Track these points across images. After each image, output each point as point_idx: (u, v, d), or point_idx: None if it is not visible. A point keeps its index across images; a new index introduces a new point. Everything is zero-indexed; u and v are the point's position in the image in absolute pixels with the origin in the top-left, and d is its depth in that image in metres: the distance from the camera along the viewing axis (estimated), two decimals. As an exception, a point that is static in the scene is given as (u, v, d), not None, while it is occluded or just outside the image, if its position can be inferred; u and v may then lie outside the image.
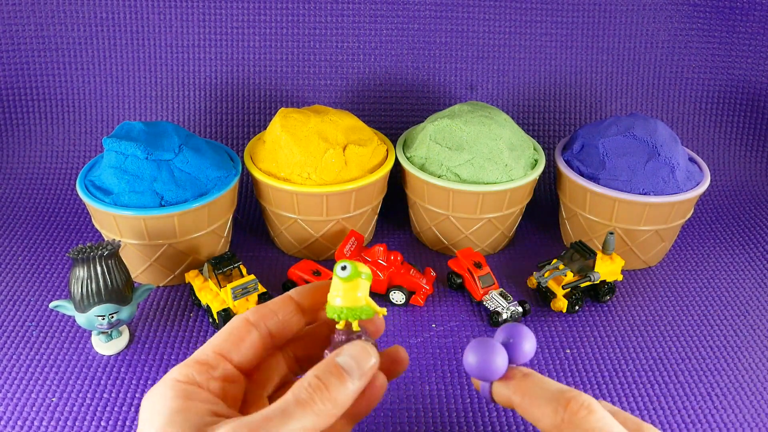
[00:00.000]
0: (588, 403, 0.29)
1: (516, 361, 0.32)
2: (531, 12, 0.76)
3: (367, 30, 0.75)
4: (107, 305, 0.49)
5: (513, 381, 0.31)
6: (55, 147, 0.75)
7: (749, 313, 0.59)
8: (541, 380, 0.31)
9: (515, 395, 0.31)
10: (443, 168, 0.61)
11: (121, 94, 0.75)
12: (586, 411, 0.29)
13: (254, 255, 0.65)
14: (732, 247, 0.69)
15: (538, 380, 0.31)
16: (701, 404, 0.49)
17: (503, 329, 0.32)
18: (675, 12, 0.77)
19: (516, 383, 0.31)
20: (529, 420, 0.31)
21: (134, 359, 0.52)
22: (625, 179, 0.60)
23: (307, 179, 0.59)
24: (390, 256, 0.59)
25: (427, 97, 0.76)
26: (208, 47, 0.74)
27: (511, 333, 0.32)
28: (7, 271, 0.61)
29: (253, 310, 0.34)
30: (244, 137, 0.76)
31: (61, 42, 0.73)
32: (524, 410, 0.31)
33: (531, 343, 0.32)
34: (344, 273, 0.31)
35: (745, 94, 0.80)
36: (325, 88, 0.76)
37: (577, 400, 0.29)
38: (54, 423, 0.46)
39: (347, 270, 0.31)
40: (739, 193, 0.78)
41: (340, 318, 0.32)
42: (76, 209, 0.71)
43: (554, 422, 0.29)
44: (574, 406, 0.29)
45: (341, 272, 0.32)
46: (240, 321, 0.33)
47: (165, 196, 0.55)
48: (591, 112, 0.79)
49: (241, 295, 0.53)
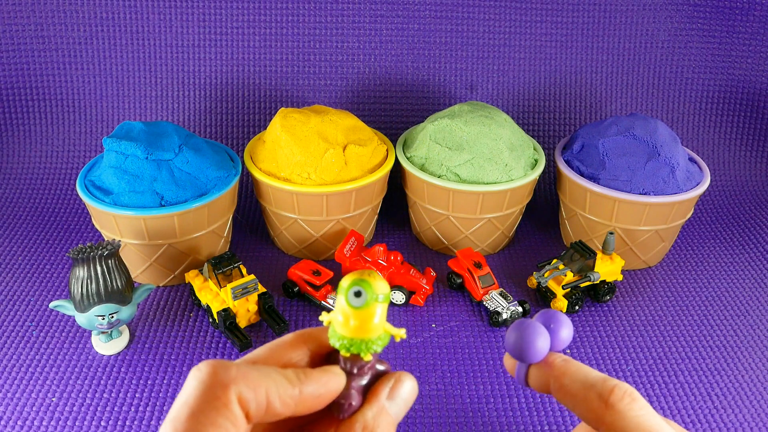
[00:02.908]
0: (631, 391, 0.29)
1: (553, 348, 0.32)
2: (531, 12, 0.76)
3: (367, 30, 0.75)
4: (107, 305, 0.49)
5: (552, 366, 0.31)
6: (55, 147, 0.75)
7: (749, 313, 0.59)
8: (581, 367, 0.31)
9: (554, 380, 0.31)
10: (443, 168, 0.61)
11: (121, 94, 0.75)
12: (630, 399, 0.29)
13: (254, 255, 0.65)
14: (732, 247, 0.69)
15: (579, 366, 0.31)
16: (701, 404, 0.49)
17: (541, 315, 0.32)
18: (675, 12, 0.77)
19: (556, 368, 0.31)
20: (566, 406, 0.31)
21: (134, 359, 0.52)
22: (625, 179, 0.60)
23: (307, 179, 0.59)
24: (390, 256, 0.59)
25: (427, 97, 0.76)
26: (208, 47, 0.74)
27: (549, 319, 0.32)
28: (7, 271, 0.61)
29: None
30: (244, 137, 0.76)
31: (61, 42, 0.73)
32: (563, 396, 0.30)
33: (569, 330, 0.32)
34: (359, 302, 0.26)
35: (745, 94, 0.80)
36: (325, 88, 0.76)
37: (621, 388, 0.29)
38: (54, 423, 0.46)
39: (362, 298, 0.26)
40: (739, 193, 0.78)
41: (349, 351, 0.27)
42: (76, 209, 0.71)
43: (595, 409, 0.29)
44: (618, 394, 0.29)
45: (355, 301, 0.26)
46: None
47: (165, 196, 0.55)
48: (591, 112, 0.79)
49: (241, 295, 0.53)
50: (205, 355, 0.52)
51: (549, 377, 0.31)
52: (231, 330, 0.53)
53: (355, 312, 0.26)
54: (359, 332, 0.26)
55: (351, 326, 0.26)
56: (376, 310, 0.26)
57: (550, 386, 0.31)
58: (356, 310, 0.26)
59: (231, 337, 0.52)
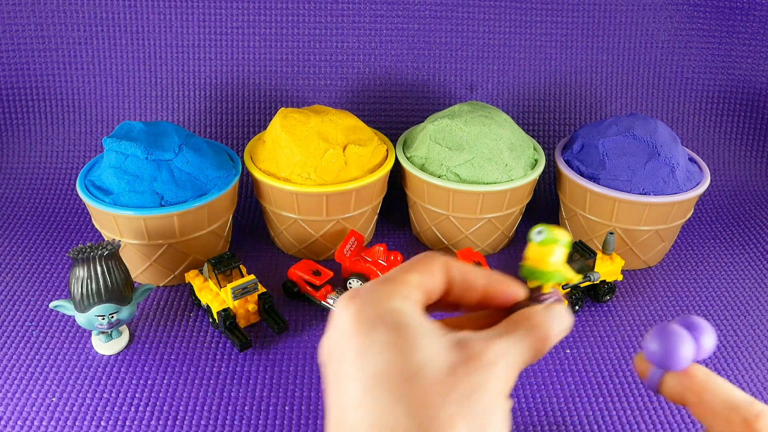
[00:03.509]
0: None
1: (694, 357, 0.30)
2: (531, 12, 0.76)
3: (367, 30, 0.75)
4: (107, 305, 0.49)
5: (693, 378, 0.30)
6: (55, 147, 0.75)
7: (749, 313, 0.59)
8: (724, 384, 0.30)
9: (693, 394, 0.30)
10: (443, 168, 0.61)
11: (121, 94, 0.75)
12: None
13: (254, 255, 0.65)
14: (732, 247, 0.69)
15: (722, 384, 0.30)
16: (701, 404, 0.49)
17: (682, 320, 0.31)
18: (675, 12, 0.77)
19: (697, 382, 0.30)
20: (702, 421, 0.30)
21: (134, 359, 0.52)
22: (625, 179, 0.60)
23: (307, 179, 0.59)
24: (390, 256, 0.59)
25: (427, 97, 0.76)
26: (208, 47, 0.74)
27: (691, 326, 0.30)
28: (7, 271, 0.61)
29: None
30: (244, 137, 0.76)
31: (61, 42, 0.73)
32: (701, 411, 0.30)
33: (712, 340, 0.30)
34: (539, 237, 0.31)
35: (745, 94, 0.80)
36: (325, 88, 0.76)
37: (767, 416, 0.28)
38: (54, 423, 0.46)
39: (542, 235, 0.31)
40: (739, 193, 0.78)
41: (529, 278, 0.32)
42: (76, 209, 0.71)
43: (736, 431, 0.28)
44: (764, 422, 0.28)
45: (536, 237, 0.31)
46: None
47: (165, 196, 0.55)
48: (591, 112, 0.79)
49: (241, 295, 0.53)
50: (205, 355, 0.52)
51: (687, 389, 0.30)
52: (231, 330, 0.53)
53: (536, 246, 0.32)
54: (538, 264, 0.31)
55: (532, 257, 0.32)
56: (554, 250, 0.31)
57: (686, 398, 0.30)
58: (536, 245, 0.32)
59: (231, 337, 0.52)
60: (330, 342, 0.29)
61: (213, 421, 0.47)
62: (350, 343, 0.27)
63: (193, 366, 0.51)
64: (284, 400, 0.48)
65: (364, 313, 0.28)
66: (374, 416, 0.25)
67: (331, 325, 0.29)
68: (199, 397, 0.48)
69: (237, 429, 0.46)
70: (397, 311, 0.28)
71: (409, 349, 0.27)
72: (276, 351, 0.53)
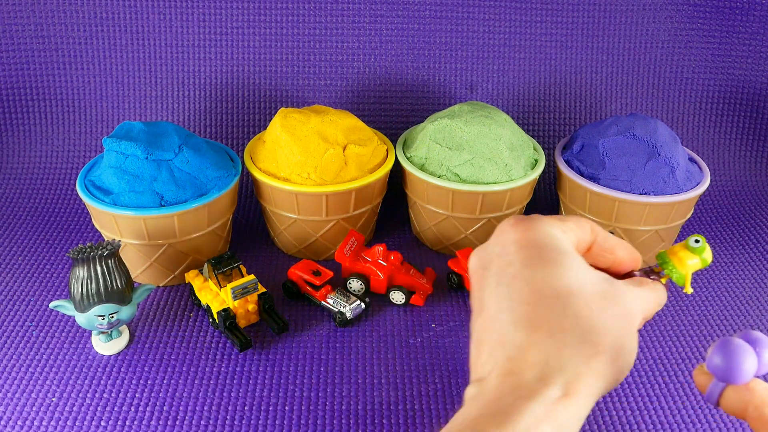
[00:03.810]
0: None
1: (756, 372, 0.31)
2: (531, 12, 0.76)
3: (367, 30, 0.75)
4: (107, 305, 0.49)
5: (754, 392, 0.31)
6: (55, 147, 0.75)
7: (749, 313, 0.59)
8: None
9: (754, 408, 0.30)
10: (443, 168, 0.61)
11: (121, 94, 0.75)
12: None
13: (254, 255, 0.65)
14: (732, 247, 0.69)
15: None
16: (701, 404, 0.49)
17: (743, 335, 0.31)
18: (675, 12, 0.77)
19: (758, 396, 0.30)
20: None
21: (134, 359, 0.52)
22: (625, 179, 0.60)
23: (307, 179, 0.59)
24: (390, 256, 0.59)
25: (427, 97, 0.76)
26: (208, 47, 0.74)
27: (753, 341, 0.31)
28: (7, 271, 0.61)
29: None
30: (244, 137, 0.76)
31: (61, 42, 0.73)
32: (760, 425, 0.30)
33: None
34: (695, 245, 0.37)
35: (745, 94, 0.80)
36: (325, 88, 0.76)
37: None
38: (54, 423, 0.46)
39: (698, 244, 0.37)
40: (739, 193, 0.78)
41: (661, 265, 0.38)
42: (76, 209, 0.71)
43: None
44: None
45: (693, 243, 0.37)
46: None
47: (165, 196, 0.55)
48: (591, 112, 0.79)
49: (241, 295, 0.53)
50: (205, 356, 0.52)
51: (748, 403, 0.30)
52: (231, 330, 0.53)
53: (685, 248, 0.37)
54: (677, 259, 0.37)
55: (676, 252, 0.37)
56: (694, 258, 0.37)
57: (746, 412, 0.31)
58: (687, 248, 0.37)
59: (231, 337, 0.52)
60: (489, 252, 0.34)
61: (213, 421, 0.47)
62: (518, 255, 0.32)
63: (193, 366, 0.51)
64: (284, 400, 0.48)
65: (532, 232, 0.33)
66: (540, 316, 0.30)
67: (494, 239, 0.34)
68: (199, 397, 0.48)
69: (237, 429, 0.46)
70: (558, 238, 0.33)
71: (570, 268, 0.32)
72: (276, 351, 0.53)
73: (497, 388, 0.29)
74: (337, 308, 0.55)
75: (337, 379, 0.50)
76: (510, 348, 0.30)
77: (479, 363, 0.31)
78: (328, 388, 0.50)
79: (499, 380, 0.29)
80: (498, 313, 0.31)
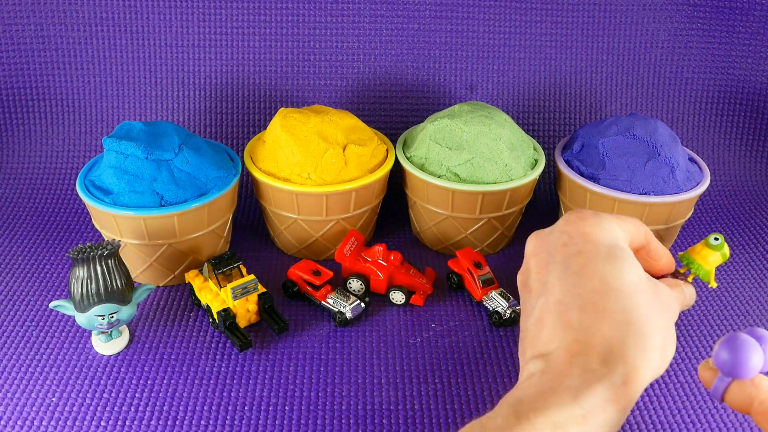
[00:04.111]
0: None
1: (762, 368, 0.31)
2: (531, 12, 0.76)
3: (367, 30, 0.75)
4: (107, 305, 0.49)
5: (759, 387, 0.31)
6: (55, 147, 0.75)
7: (749, 313, 0.59)
8: None
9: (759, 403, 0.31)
10: (443, 168, 0.61)
11: (121, 94, 0.75)
12: None
13: (254, 255, 0.65)
14: (732, 247, 0.69)
15: None
16: (701, 404, 0.49)
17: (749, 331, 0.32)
18: (675, 12, 0.77)
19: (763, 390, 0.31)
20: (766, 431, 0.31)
21: (134, 359, 0.52)
22: (625, 179, 0.60)
23: (307, 179, 0.59)
24: (390, 256, 0.59)
25: (427, 97, 0.76)
26: (208, 47, 0.74)
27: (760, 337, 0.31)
28: (7, 271, 0.61)
29: None
30: (244, 137, 0.76)
31: (61, 42, 0.73)
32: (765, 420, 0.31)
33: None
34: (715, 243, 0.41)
35: (745, 94, 0.80)
36: (325, 88, 0.76)
37: None
38: (54, 423, 0.46)
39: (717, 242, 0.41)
40: (739, 193, 0.78)
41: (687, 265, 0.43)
42: (76, 209, 0.71)
43: None
44: None
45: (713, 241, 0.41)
46: None
47: (165, 196, 0.55)
48: (591, 112, 0.79)
49: (240, 295, 0.53)
50: (205, 355, 0.52)
51: (753, 398, 0.31)
52: (231, 330, 0.53)
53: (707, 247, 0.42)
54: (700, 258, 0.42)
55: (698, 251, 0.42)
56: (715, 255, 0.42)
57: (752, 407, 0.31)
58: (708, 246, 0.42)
59: (231, 337, 0.52)
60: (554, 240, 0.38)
61: (213, 421, 0.47)
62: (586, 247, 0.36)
63: (193, 366, 0.51)
64: (284, 400, 0.48)
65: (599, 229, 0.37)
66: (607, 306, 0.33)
67: (561, 228, 0.38)
68: (199, 397, 0.48)
69: (237, 429, 0.46)
70: (620, 237, 0.37)
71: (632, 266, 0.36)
72: (276, 351, 0.53)
73: (566, 365, 0.32)
74: (337, 308, 0.55)
75: (337, 379, 0.50)
76: (577, 331, 0.33)
77: (540, 339, 0.35)
78: (328, 388, 0.50)
79: (567, 358, 0.32)
80: (565, 297, 0.34)
